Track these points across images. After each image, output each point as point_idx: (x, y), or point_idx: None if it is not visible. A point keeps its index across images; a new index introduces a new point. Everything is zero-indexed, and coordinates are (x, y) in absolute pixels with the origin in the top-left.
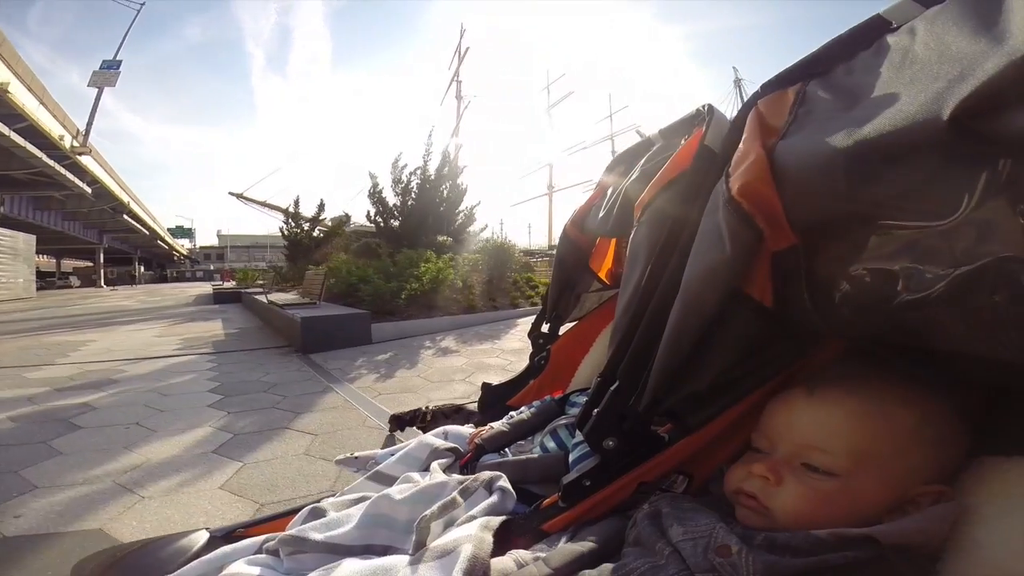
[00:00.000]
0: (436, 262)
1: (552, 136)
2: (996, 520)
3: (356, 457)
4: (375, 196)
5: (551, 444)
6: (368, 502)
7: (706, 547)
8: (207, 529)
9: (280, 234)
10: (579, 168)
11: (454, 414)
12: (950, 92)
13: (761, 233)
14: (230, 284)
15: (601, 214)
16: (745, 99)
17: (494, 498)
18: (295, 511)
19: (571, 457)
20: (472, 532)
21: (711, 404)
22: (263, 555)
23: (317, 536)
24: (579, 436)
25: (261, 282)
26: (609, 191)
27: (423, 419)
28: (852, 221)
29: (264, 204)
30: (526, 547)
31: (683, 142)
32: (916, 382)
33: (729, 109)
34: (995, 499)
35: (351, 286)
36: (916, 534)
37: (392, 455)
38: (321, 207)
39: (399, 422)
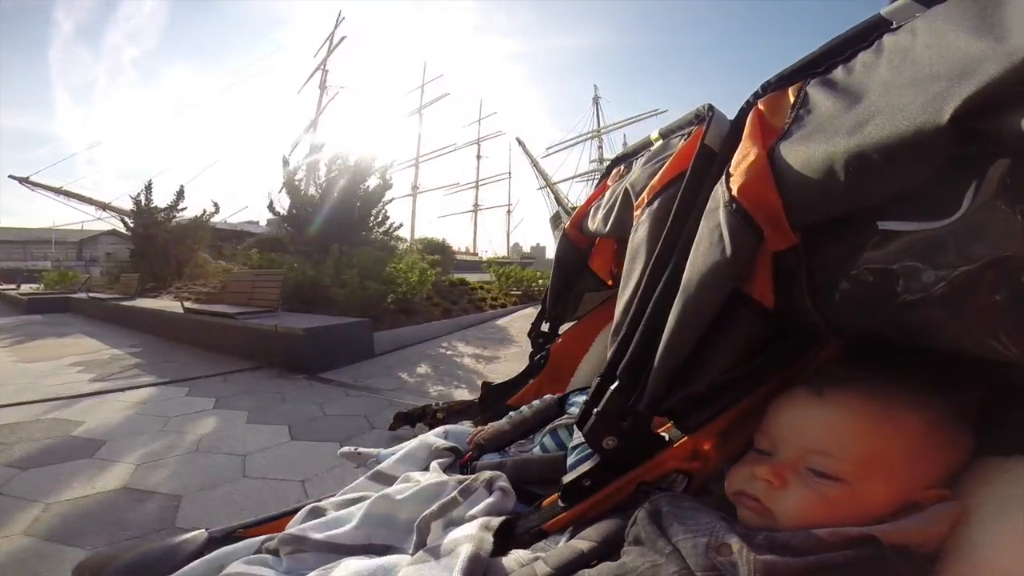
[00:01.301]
0: (416, 263)
1: (421, 136)
2: (995, 520)
3: (359, 453)
4: (290, 185)
5: (551, 444)
6: (368, 501)
7: (706, 546)
8: (206, 529)
9: (87, 227)
10: (446, 170)
11: (465, 410)
12: (951, 92)
13: (761, 233)
14: (34, 288)
15: (600, 214)
16: (602, 114)
17: (494, 498)
18: (295, 511)
19: (570, 459)
20: (472, 532)
21: (711, 404)
22: (263, 555)
23: (317, 535)
24: (578, 437)
25: (83, 282)
26: (608, 191)
27: (432, 417)
28: (852, 221)
29: (60, 191)
30: (526, 546)
31: (683, 142)
32: (924, 384)
33: (587, 123)
34: (994, 499)
35: (315, 288)
36: (916, 533)
37: (393, 454)
38: (180, 195)
39: (406, 419)
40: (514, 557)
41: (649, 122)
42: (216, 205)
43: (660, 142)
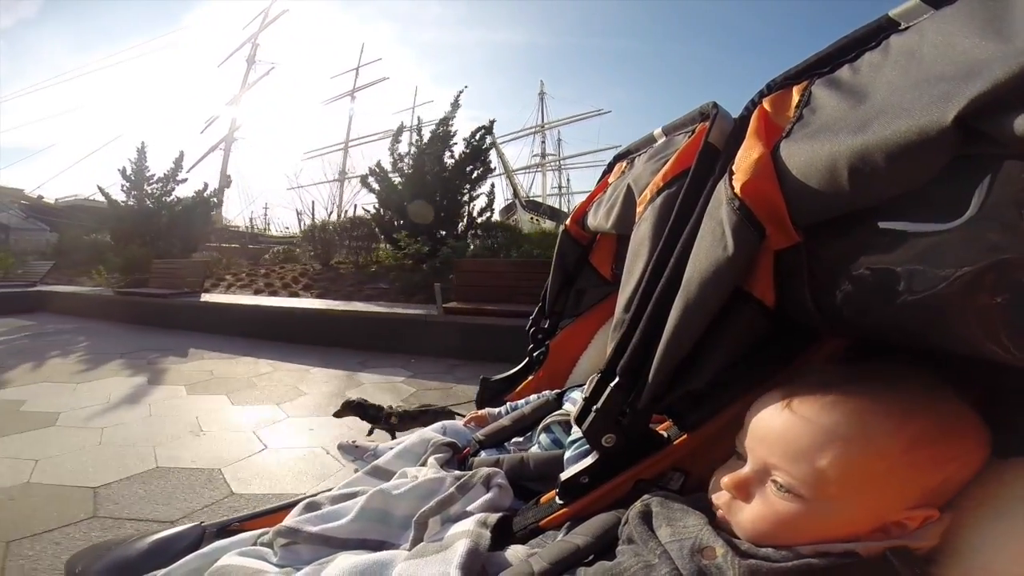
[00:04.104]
0: None
1: (355, 120)
2: (992, 523)
3: (356, 446)
4: (401, 152)
5: (546, 441)
6: (364, 496)
7: (692, 548)
8: (201, 523)
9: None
10: (377, 156)
11: (421, 415)
12: (956, 92)
13: (763, 231)
14: None
15: (603, 210)
16: (546, 111)
17: (491, 494)
18: (291, 505)
19: (567, 453)
20: (469, 528)
21: (709, 402)
22: (257, 547)
23: (311, 528)
24: (575, 434)
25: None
26: (611, 187)
27: (387, 420)
28: (855, 221)
29: None
30: (523, 543)
31: (686, 139)
32: (917, 389)
33: (534, 118)
34: (991, 501)
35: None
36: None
37: (391, 449)
38: (179, 164)
39: (358, 410)
40: (511, 552)
41: (592, 120)
42: (229, 178)
43: (663, 139)
